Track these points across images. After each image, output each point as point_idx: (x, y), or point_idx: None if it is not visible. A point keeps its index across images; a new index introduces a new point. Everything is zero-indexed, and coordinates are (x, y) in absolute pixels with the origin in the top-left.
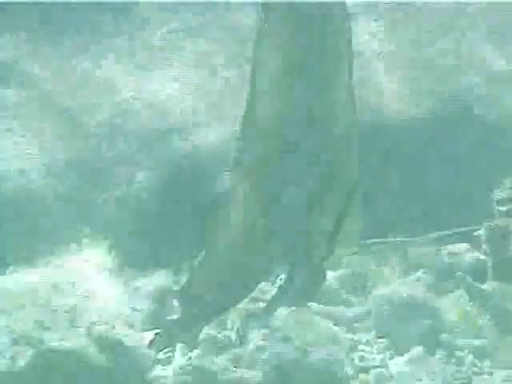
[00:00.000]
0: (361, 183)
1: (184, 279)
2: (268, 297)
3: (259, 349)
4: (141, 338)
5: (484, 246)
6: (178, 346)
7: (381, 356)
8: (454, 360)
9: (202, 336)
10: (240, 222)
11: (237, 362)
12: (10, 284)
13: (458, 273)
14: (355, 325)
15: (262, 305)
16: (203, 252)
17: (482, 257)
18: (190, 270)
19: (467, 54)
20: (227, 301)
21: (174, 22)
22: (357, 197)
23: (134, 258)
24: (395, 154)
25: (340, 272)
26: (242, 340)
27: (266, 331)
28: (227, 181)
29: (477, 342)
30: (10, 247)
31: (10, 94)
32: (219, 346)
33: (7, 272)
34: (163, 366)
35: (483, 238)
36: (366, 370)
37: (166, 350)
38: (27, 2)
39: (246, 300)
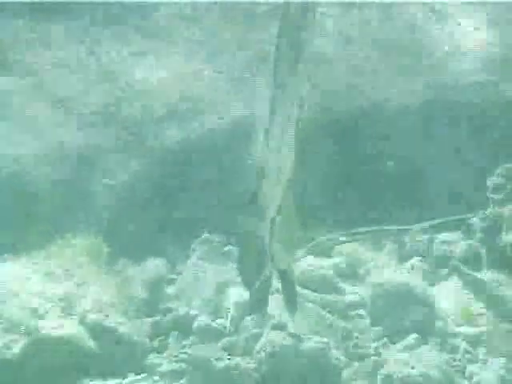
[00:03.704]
0: (354, 171)
1: (178, 267)
2: None
3: (253, 336)
4: (135, 326)
5: (478, 234)
6: (172, 334)
7: (375, 344)
8: (448, 348)
9: (196, 324)
10: None
11: (231, 349)
12: (4, 272)
13: (453, 261)
14: (350, 313)
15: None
16: None
17: (476, 245)
18: None
19: (463, 40)
20: None
21: (167, 9)
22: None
23: (128, 246)
24: (390, 142)
25: (334, 260)
26: (236, 328)
27: (261, 319)
28: (220, 168)
29: (471, 330)
30: (4, 235)
31: (3, 82)
32: (213, 334)
33: (1, 260)
34: (158, 353)
35: (477, 226)
36: (360, 358)
37: (160, 338)
38: None
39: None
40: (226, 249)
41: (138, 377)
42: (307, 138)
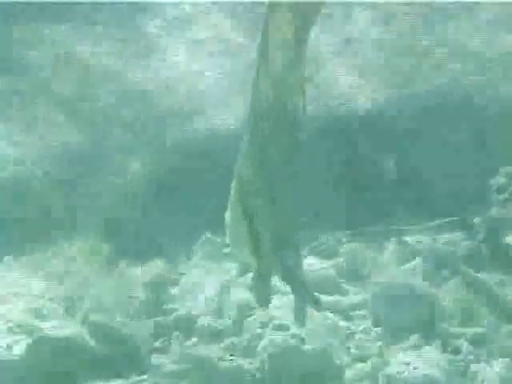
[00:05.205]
0: (356, 171)
1: (180, 267)
2: None
3: (256, 337)
4: (137, 327)
5: (480, 235)
6: (175, 334)
7: (377, 344)
8: (450, 348)
9: (198, 324)
10: None
11: (233, 350)
12: (7, 272)
13: (455, 261)
14: (352, 313)
15: None
16: None
17: (479, 245)
18: None
19: (464, 42)
20: None
21: (169, 9)
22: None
23: (130, 246)
24: (392, 142)
25: (336, 260)
26: (239, 328)
27: (263, 319)
28: (221, 168)
29: (473, 330)
30: (7, 235)
31: (3, 82)
32: (216, 335)
33: (4, 260)
34: (160, 354)
35: (480, 226)
36: (362, 359)
37: (162, 339)
38: None
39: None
40: (228, 249)
41: (141, 377)
42: (307, 139)
